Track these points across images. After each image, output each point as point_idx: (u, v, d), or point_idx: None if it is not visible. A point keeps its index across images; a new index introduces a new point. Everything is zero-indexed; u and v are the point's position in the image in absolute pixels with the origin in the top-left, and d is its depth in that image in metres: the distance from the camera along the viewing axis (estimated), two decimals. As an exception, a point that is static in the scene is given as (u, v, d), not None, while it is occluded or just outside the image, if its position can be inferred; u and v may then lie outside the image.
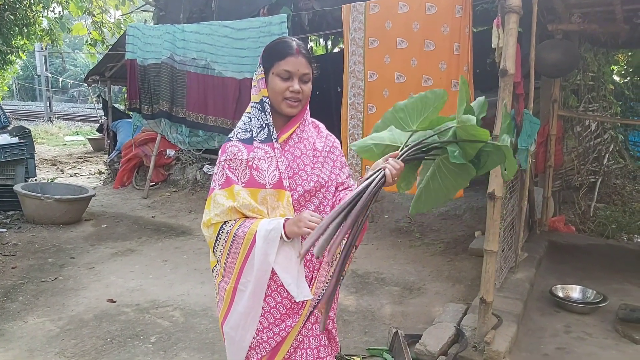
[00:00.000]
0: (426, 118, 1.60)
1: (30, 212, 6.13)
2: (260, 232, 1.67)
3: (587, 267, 4.58)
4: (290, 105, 1.74)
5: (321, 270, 1.76)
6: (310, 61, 1.76)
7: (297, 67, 1.72)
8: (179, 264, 4.99)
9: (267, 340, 1.77)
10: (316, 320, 1.81)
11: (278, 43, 1.78)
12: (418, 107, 1.62)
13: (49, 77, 21.43)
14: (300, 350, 1.79)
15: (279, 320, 1.77)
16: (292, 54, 1.72)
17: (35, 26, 10.80)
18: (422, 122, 1.62)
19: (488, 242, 2.93)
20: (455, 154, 1.50)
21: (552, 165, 5.10)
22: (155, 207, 7.34)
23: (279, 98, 1.73)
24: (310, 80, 1.78)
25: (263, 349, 1.78)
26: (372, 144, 1.64)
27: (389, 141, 1.62)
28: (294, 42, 1.76)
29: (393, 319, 3.82)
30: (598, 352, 3.13)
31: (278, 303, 1.77)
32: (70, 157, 12.34)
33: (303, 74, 1.73)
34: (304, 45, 1.78)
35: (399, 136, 1.63)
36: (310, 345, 1.79)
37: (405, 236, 5.83)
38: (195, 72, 5.54)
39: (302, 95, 1.75)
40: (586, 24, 4.38)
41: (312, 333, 1.80)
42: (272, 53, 1.76)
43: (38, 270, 4.70)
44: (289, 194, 1.72)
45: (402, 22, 4.16)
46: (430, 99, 1.60)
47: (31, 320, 3.70)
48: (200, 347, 3.34)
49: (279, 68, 1.72)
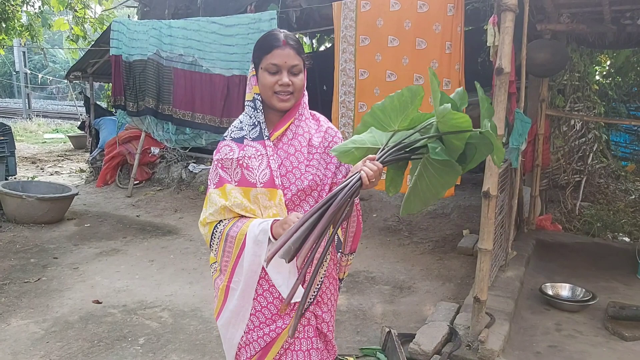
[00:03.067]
0: (406, 116, 1.56)
1: (11, 211, 5.97)
2: (250, 234, 1.65)
3: (574, 265, 4.63)
4: (281, 99, 1.69)
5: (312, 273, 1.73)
6: (299, 52, 1.70)
7: (285, 59, 1.66)
8: (165, 263, 4.91)
9: (257, 339, 1.75)
10: (308, 323, 1.78)
11: (265, 36, 1.73)
12: (396, 106, 1.57)
13: (27, 74, 20.98)
14: (291, 352, 1.75)
15: (270, 321, 1.74)
16: (278, 46, 1.66)
17: (14, 21, 10.54)
18: (402, 121, 1.57)
19: (482, 241, 2.93)
20: (437, 150, 1.47)
21: (539, 165, 5.14)
22: (139, 206, 7.22)
23: (269, 93, 1.68)
24: (302, 72, 1.71)
25: (253, 348, 1.76)
26: (353, 148, 1.58)
27: (370, 144, 1.57)
28: (282, 33, 1.70)
29: (384, 318, 3.80)
30: (589, 350, 3.16)
31: (269, 303, 1.74)
32: (50, 155, 12.10)
33: (292, 66, 1.67)
34: (292, 36, 1.72)
35: (379, 138, 1.57)
36: (301, 347, 1.76)
37: (394, 235, 5.82)
38: (182, 69, 5.44)
39: (293, 88, 1.69)
40: (574, 24, 4.41)
41: (303, 335, 1.77)
42: (259, 47, 1.71)
43: (20, 271, 4.58)
44: (281, 194, 1.68)
45: (394, 20, 4.14)
46: (407, 96, 1.56)
47: (14, 322, 3.59)
48: (190, 349, 3.28)
49: (266, 62, 1.67)
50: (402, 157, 1.54)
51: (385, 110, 1.58)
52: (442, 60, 3.98)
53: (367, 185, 1.48)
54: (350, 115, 4.47)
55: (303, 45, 9.94)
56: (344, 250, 1.90)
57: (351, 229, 1.86)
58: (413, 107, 1.55)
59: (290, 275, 1.69)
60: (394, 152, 1.52)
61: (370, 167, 1.48)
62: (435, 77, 1.47)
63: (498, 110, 2.77)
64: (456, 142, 1.46)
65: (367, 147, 1.56)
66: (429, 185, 1.56)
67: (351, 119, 4.45)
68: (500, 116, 2.77)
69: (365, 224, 6.20)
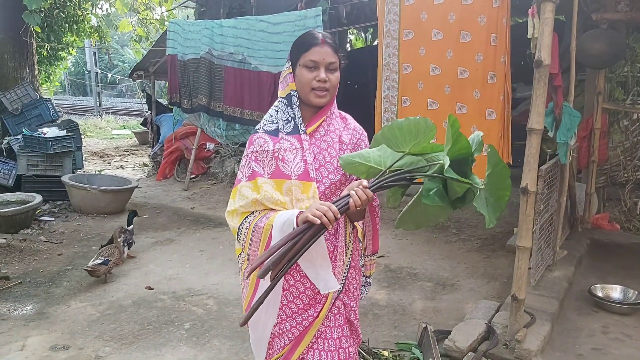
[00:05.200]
0: (418, 143, 1.59)
1: (76, 202, 6.41)
2: (277, 224, 1.68)
3: (630, 266, 4.39)
4: (318, 95, 1.74)
5: (337, 262, 1.77)
6: (336, 50, 1.75)
7: (323, 56, 1.72)
8: (215, 254, 5.11)
9: (290, 329, 1.80)
10: (338, 311, 1.82)
11: (303, 36, 1.79)
12: (412, 130, 1.61)
13: (98, 73, 22.23)
14: (323, 340, 1.81)
15: (302, 310, 1.80)
16: (317, 44, 1.72)
17: (84, 23, 11.22)
18: (414, 146, 1.61)
19: (521, 238, 2.86)
20: (431, 193, 1.51)
21: (595, 161, 4.91)
22: (194, 199, 7.53)
23: (307, 89, 1.74)
24: (338, 70, 1.76)
25: (286, 337, 1.81)
26: (358, 162, 1.63)
27: (373, 163, 1.61)
28: (320, 33, 1.77)
29: (424, 314, 3.78)
30: (636, 354, 3.01)
31: (301, 293, 1.79)
32: (117, 150, 12.79)
33: (329, 63, 1.73)
34: (329, 35, 1.79)
35: (385, 158, 1.61)
36: (332, 335, 1.81)
37: (442, 232, 5.74)
38: (232, 67, 5.62)
39: (330, 85, 1.74)
40: (634, 12, 4.17)
41: (334, 323, 1.82)
42: (298, 46, 1.78)
43: (82, 257, 4.91)
44: (316, 186, 1.73)
45: (438, 13, 4.08)
46: (422, 126, 1.60)
47: (74, 305, 3.88)
48: (231, 335, 3.41)
49: (305, 59, 1.73)
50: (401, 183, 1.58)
51: (402, 130, 1.64)
52: (487, 53, 3.88)
53: (354, 210, 1.59)
54: (393, 110, 4.46)
55: (354, 43, 9.88)
56: (365, 252, 1.94)
57: (368, 233, 1.89)
58: (425, 138, 1.59)
59: (323, 266, 1.73)
60: (390, 180, 1.57)
61: (360, 194, 1.56)
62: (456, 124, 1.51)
63: (537, 104, 2.70)
64: (456, 187, 1.51)
65: (370, 166, 1.61)
66: (424, 212, 1.63)
67: (394, 114, 4.43)
68: (540, 110, 2.69)
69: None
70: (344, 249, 1.79)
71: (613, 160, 5.30)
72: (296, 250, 1.54)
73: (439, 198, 1.51)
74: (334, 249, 1.78)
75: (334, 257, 1.78)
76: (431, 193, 1.50)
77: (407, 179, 1.56)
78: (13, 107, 8.00)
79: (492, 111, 3.92)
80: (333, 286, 1.73)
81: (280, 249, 1.52)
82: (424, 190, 1.51)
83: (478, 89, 3.96)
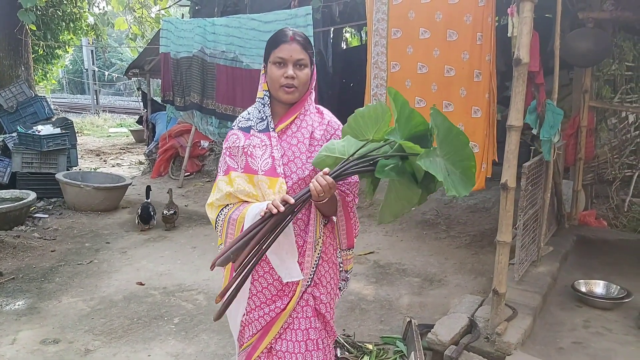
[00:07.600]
0: (379, 129, 1.62)
1: (70, 199, 6.45)
2: (249, 216, 1.76)
3: (616, 262, 4.45)
4: (286, 91, 1.78)
5: (306, 257, 1.83)
6: (305, 47, 1.79)
7: (290, 53, 1.76)
8: (206, 250, 5.16)
9: (258, 319, 1.87)
10: (307, 304, 1.88)
11: (275, 34, 1.84)
12: (372, 116, 1.64)
13: (95, 71, 22.24)
14: (291, 330, 1.86)
15: (270, 301, 1.87)
16: (285, 41, 1.77)
17: (81, 21, 11.26)
18: (377, 132, 1.63)
19: (501, 234, 2.91)
20: (386, 169, 1.51)
21: (582, 158, 4.96)
22: (188, 196, 7.58)
23: (276, 85, 1.79)
24: (308, 67, 1.80)
25: (254, 327, 1.89)
26: (324, 155, 1.66)
27: (338, 153, 1.63)
28: (291, 31, 1.81)
29: (410, 309, 3.84)
30: (616, 348, 3.07)
31: (269, 284, 1.86)
32: (113, 148, 12.83)
33: (297, 60, 1.77)
34: (301, 33, 1.83)
35: (348, 148, 1.63)
36: (300, 326, 1.86)
37: (431, 228, 5.80)
38: (224, 65, 5.66)
39: (298, 81, 1.77)
40: (619, 11, 4.22)
41: (302, 315, 1.87)
42: (269, 44, 1.83)
43: (75, 254, 4.97)
44: (283, 181, 1.78)
45: (425, 12, 4.12)
46: (379, 110, 1.62)
47: (65, 300, 3.93)
48: (219, 330, 3.47)
49: (274, 56, 1.78)
50: (363, 169, 1.59)
51: (365, 117, 1.66)
52: (473, 52, 3.93)
53: (317, 198, 1.61)
54: (382, 108, 4.50)
55: (349, 42, 9.86)
56: (340, 246, 1.99)
57: (342, 228, 1.94)
58: (384, 122, 1.62)
59: (288, 257, 1.80)
60: (350, 166, 1.59)
61: (320, 181, 1.60)
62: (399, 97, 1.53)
63: (516, 101, 2.74)
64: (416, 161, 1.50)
65: (336, 157, 1.64)
66: (397, 198, 1.62)
67: (383, 112, 4.47)
68: (519, 107, 2.74)
69: (402, 217, 6.20)
70: (312, 245, 1.83)
71: (601, 157, 5.36)
72: (258, 239, 1.58)
73: (395, 173, 1.51)
74: (304, 244, 1.84)
75: (303, 252, 1.83)
76: (386, 169, 1.51)
77: (370, 163, 1.57)
78: (8, 105, 8.05)
79: (477, 109, 3.97)
80: (296, 276, 1.79)
81: (242, 239, 1.58)
82: (378, 167, 1.52)
83: (464, 87, 4.01)
